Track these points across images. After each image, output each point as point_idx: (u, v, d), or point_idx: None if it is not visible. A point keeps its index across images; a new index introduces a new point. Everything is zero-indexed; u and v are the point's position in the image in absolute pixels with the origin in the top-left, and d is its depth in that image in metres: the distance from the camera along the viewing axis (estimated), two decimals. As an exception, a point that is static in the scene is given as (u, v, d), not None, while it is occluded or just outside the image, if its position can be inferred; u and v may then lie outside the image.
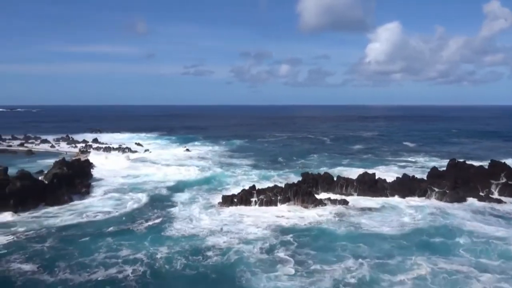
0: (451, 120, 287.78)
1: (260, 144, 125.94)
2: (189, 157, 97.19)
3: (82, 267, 32.00)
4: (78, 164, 70.02)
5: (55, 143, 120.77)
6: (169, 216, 47.39)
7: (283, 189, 54.68)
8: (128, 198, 55.42)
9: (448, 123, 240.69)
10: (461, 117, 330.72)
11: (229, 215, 47.57)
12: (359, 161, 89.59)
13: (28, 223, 44.35)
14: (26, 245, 36.63)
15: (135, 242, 38.04)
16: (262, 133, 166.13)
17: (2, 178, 53.37)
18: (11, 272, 30.98)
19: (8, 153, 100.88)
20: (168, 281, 30.71)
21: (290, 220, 45.69)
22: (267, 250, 36.11)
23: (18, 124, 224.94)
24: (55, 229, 42.14)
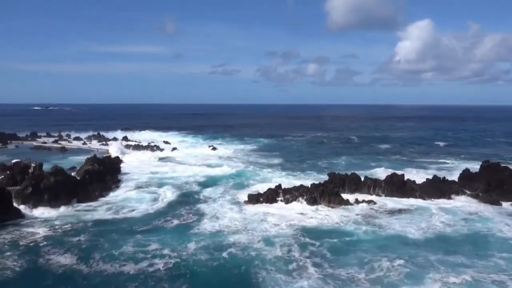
0: (485, 120, 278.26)
1: (286, 143, 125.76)
2: (216, 156, 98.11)
3: (113, 259, 33.60)
4: (109, 161, 71.97)
5: (87, 141, 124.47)
6: (196, 213, 48.18)
7: (309, 189, 54.41)
8: (156, 195, 56.55)
9: (482, 124, 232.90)
10: (495, 118, 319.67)
11: (254, 213, 47.83)
12: (387, 161, 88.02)
13: (65, 217, 46.33)
14: (64, 239, 38.62)
15: (163, 238, 39.09)
16: (288, 132, 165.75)
17: (37, 174, 55.60)
18: (53, 263, 32.95)
19: (43, 149, 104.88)
20: (192, 275, 31.38)
21: (313, 220, 45.54)
22: (285, 250, 36.17)
23: (52, 122, 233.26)
24: (90, 223, 43.96)
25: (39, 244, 37.10)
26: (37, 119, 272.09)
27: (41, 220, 45.04)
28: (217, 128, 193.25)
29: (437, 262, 33.39)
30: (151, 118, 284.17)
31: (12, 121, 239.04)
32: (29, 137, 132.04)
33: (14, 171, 57.09)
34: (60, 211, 48.96)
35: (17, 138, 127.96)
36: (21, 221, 44.31)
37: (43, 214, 47.90)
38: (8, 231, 40.42)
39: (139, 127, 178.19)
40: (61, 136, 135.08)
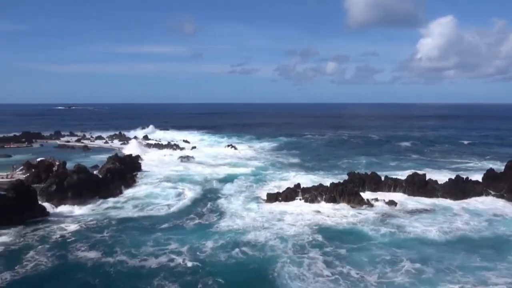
0: (510, 119, 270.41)
1: (306, 142, 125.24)
2: (236, 154, 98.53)
3: (135, 256, 34.76)
4: (130, 160, 73.19)
5: (109, 140, 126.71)
6: (215, 212, 48.71)
7: (329, 188, 54.08)
8: (175, 193, 57.14)
9: (507, 123, 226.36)
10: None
11: (272, 212, 47.86)
12: (409, 161, 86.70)
13: (89, 214, 47.82)
14: (89, 234, 40.19)
15: (182, 237, 39.67)
16: (308, 131, 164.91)
17: (61, 172, 57.00)
18: (81, 258, 34.46)
19: (67, 148, 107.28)
20: (208, 274, 31.74)
21: (331, 220, 45.22)
22: (301, 249, 36.18)
23: (75, 121, 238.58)
24: (113, 220, 45.23)
25: (67, 240, 38.69)
26: (60, 118, 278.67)
27: (67, 217, 46.52)
28: (237, 127, 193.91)
29: (456, 266, 32.54)
30: (171, 118, 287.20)
31: (37, 120, 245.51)
32: (53, 136, 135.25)
33: (39, 169, 58.62)
34: (84, 208, 50.16)
35: (42, 137, 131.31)
36: (46, 218, 45.71)
37: (66, 211, 49.19)
38: (37, 228, 41.98)
39: (160, 126, 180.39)
40: (84, 135, 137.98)
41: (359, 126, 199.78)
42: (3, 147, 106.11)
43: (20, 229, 41.15)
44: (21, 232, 40.56)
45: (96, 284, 30.01)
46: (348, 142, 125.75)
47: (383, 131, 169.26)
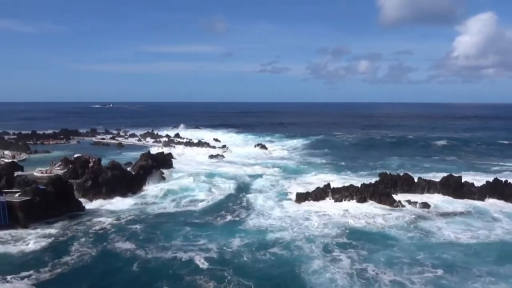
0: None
1: (337, 142, 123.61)
2: (266, 153, 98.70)
3: (166, 249, 36.13)
4: (161, 157, 74.76)
5: (142, 137, 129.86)
6: (243, 210, 49.14)
7: (359, 189, 53.29)
8: (206, 191, 57.86)
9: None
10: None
11: (301, 212, 47.73)
12: (444, 162, 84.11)
13: (126, 209, 49.51)
14: (126, 227, 42.36)
15: (210, 234, 40.39)
16: (339, 130, 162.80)
17: (96, 168, 58.94)
18: (118, 249, 36.48)
19: (102, 145, 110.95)
20: (233, 271, 32.11)
21: (359, 221, 44.59)
22: (326, 249, 36.02)
23: (110, 119, 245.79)
24: (146, 215, 47.07)
25: (106, 233, 40.85)
26: (96, 116, 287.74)
27: (103, 211, 48.49)
28: (267, 126, 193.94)
29: (486, 272, 31.28)
30: (201, 116, 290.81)
31: (75, 118, 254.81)
32: (89, 133, 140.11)
33: (75, 165, 60.85)
34: (118, 203, 51.77)
35: (79, 134, 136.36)
36: (84, 212, 47.79)
37: (101, 205, 50.87)
38: (79, 221, 44.40)
39: (191, 125, 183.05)
40: (118, 133, 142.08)
41: (392, 126, 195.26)
42: (43, 143, 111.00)
43: (65, 223, 43.48)
44: (65, 225, 42.85)
45: (131, 275, 31.41)
46: (380, 142, 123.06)
47: (417, 131, 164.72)
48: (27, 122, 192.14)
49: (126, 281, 30.46)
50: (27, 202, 43.24)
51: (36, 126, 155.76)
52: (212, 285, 29.68)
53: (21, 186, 48.86)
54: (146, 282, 30.10)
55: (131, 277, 31.10)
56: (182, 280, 30.45)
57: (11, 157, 78.74)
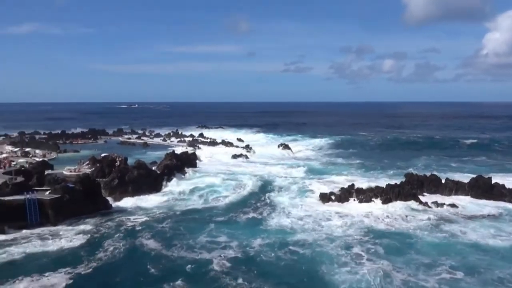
0: None
1: (361, 142, 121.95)
2: (289, 153, 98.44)
3: (190, 248, 36.80)
4: (186, 157, 75.60)
5: (166, 137, 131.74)
6: (265, 209, 49.29)
7: (384, 189, 52.46)
8: (228, 190, 58.22)
9: None
10: None
11: (324, 212, 47.50)
12: (472, 163, 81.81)
13: (152, 207, 50.56)
14: (154, 225, 43.41)
15: (233, 231, 41.05)
16: (364, 130, 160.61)
17: (123, 167, 60.22)
18: (146, 246, 37.49)
19: (128, 144, 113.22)
20: (253, 270, 32.47)
21: (383, 222, 44.03)
22: (347, 250, 35.80)
23: (136, 119, 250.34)
24: (173, 212, 48.27)
25: (136, 229, 42.14)
26: (123, 117, 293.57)
27: (133, 208, 49.92)
28: (291, 126, 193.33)
29: (509, 274, 30.43)
30: (225, 116, 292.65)
31: (102, 118, 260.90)
32: (116, 133, 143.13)
33: (103, 164, 62.30)
34: (144, 202, 52.80)
35: (106, 134, 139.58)
36: (112, 210, 49.07)
37: (128, 203, 51.95)
38: (110, 218, 45.90)
39: (214, 125, 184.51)
40: (144, 133, 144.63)
41: (419, 126, 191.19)
42: (71, 142, 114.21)
43: (97, 220, 44.89)
44: (98, 222, 44.22)
45: (157, 273, 32.06)
46: (406, 142, 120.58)
47: (444, 130, 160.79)
48: (56, 122, 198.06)
49: (153, 279, 30.97)
50: (57, 200, 44.60)
51: (65, 126, 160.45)
52: (236, 285, 29.83)
53: (51, 184, 50.42)
54: (171, 280, 30.44)
55: (157, 275, 31.63)
56: (206, 280, 30.78)
57: (42, 156, 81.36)
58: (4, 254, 34.89)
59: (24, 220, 41.61)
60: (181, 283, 30.05)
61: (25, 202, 42.11)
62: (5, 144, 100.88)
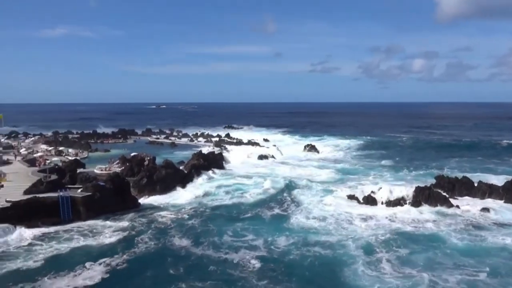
0: None
1: (390, 143, 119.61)
2: (316, 154, 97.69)
3: (218, 247, 37.44)
4: (213, 157, 76.32)
5: (194, 137, 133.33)
6: (291, 209, 49.31)
7: (414, 191, 51.28)
8: (256, 189, 58.38)
9: None
10: None
11: (350, 213, 47.00)
12: (507, 165, 78.77)
13: (184, 205, 51.68)
14: (183, 223, 44.46)
15: (258, 228, 41.98)
16: (392, 131, 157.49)
17: (151, 166, 61.42)
18: (175, 244, 38.22)
19: (156, 144, 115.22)
20: (279, 270, 32.71)
21: (409, 225, 43.15)
22: (371, 252, 35.50)
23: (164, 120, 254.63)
24: (204, 211, 49.10)
25: (166, 226, 43.23)
26: (151, 117, 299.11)
27: (160, 207, 50.74)
28: (317, 126, 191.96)
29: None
30: (252, 116, 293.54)
31: (132, 118, 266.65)
32: (145, 133, 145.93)
33: (132, 163, 63.73)
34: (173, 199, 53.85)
35: (135, 134, 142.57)
36: (143, 207, 50.31)
37: (155, 201, 52.97)
38: (142, 214, 47.41)
39: (241, 125, 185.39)
40: (172, 133, 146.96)
41: (450, 127, 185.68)
42: (102, 142, 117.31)
43: (130, 216, 46.13)
44: (131, 218, 45.49)
45: (187, 270, 32.69)
46: (437, 143, 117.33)
47: (477, 132, 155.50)
48: (88, 122, 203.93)
49: (183, 278, 31.35)
50: (88, 197, 45.97)
51: (96, 126, 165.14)
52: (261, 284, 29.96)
53: (83, 182, 52.06)
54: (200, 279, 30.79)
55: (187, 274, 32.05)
56: (233, 279, 31.03)
57: (74, 154, 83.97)
58: (51, 248, 36.63)
59: (58, 216, 43.08)
60: (209, 282, 30.32)
61: (58, 199, 43.61)
62: (40, 143, 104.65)
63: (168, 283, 30.32)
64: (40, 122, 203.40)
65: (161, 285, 30.19)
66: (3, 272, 31.70)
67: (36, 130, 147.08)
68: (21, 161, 66.02)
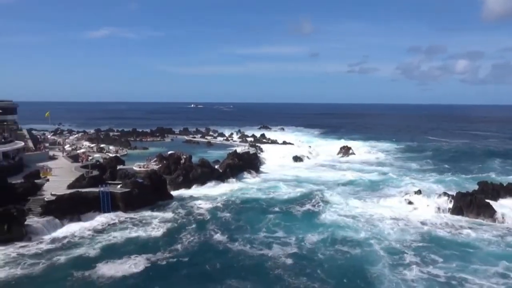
0: None
1: (430, 147, 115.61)
2: (351, 156, 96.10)
3: (251, 243, 37.94)
4: (247, 157, 76.72)
5: (229, 137, 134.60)
6: (325, 208, 49.25)
7: (454, 197, 49.35)
8: (289, 189, 58.21)
9: None
10: None
11: (385, 215, 46.05)
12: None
13: (220, 201, 52.33)
14: (220, 219, 45.38)
15: (290, 224, 42.87)
16: (433, 135, 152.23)
17: (187, 165, 62.58)
18: (213, 239, 39.04)
19: (193, 143, 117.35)
20: (309, 266, 33.04)
21: (443, 230, 41.82)
22: (401, 255, 34.89)
23: (201, 119, 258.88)
24: (239, 208, 49.73)
25: (203, 222, 44.16)
26: (188, 116, 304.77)
27: (200, 202, 51.56)
28: (354, 128, 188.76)
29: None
30: (287, 117, 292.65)
31: (170, 117, 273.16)
32: (182, 132, 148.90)
33: (169, 161, 65.17)
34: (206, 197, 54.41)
35: (173, 132, 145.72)
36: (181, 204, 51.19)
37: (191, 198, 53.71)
38: (183, 204, 49.68)
39: (276, 126, 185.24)
40: (208, 132, 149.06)
41: (496, 131, 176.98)
42: (141, 140, 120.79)
43: (169, 213, 47.17)
44: (170, 214, 46.60)
45: (225, 265, 33.35)
46: (481, 147, 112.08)
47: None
48: (128, 121, 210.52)
49: (220, 273, 31.90)
50: (127, 193, 47.47)
51: (135, 124, 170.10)
52: (293, 282, 30.08)
53: (122, 178, 53.76)
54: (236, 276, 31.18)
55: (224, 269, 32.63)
56: (267, 274, 31.52)
57: (115, 152, 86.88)
58: (104, 237, 38.70)
59: (98, 210, 44.74)
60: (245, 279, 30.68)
61: (99, 194, 45.32)
62: (83, 140, 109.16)
63: (206, 279, 30.84)
64: (83, 120, 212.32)
65: (201, 281, 30.58)
66: (68, 258, 33.63)
67: (80, 128, 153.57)
68: (65, 157, 69.02)
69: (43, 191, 45.36)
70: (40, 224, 39.31)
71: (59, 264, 32.56)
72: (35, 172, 51.67)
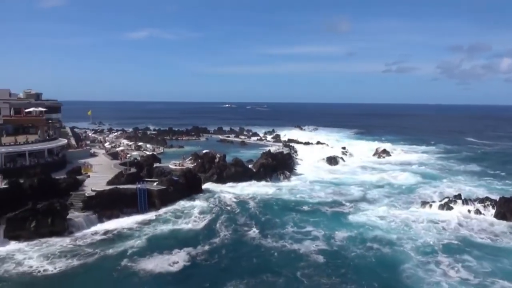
0: None
1: (472, 149, 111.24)
2: (388, 158, 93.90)
3: (281, 238, 38.74)
4: (281, 157, 76.55)
5: (263, 137, 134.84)
6: (358, 207, 49.14)
7: (498, 202, 47.21)
8: (323, 189, 57.79)
9: None
10: None
11: (420, 218, 44.91)
12: None
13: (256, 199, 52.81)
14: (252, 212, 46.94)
15: (321, 220, 43.70)
16: (476, 136, 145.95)
17: (221, 164, 63.32)
18: (246, 236, 39.71)
19: (227, 142, 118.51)
20: (337, 264, 33.27)
21: (481, 234, 40.33)
22: (434, 256, 34.33)
23: (235, 119, 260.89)
24: (275, 204, 50.70)
25: (237, 218, 44.91)
26: (224, 116, 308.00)
27: (235, 199, 52.33)
28: (391, 129, 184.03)
29: None
30: (322, 117, 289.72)
31: (205, 117, 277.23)
32: (216, 131, 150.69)
33: (203, 160, 66.15)
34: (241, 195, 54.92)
35: (207, 132, 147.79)
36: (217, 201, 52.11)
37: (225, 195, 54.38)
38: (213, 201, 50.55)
39: (310, 126, 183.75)
40: (242, 131, 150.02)
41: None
42: (177, 139, 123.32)
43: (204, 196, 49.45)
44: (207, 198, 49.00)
45: (258, 261, 34.04)
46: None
47: None
48: (165, 120, 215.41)
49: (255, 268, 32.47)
50: (163, 190, 48.64)
51: (171, 123, 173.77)
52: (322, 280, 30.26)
53: (158, 176, 55.09)
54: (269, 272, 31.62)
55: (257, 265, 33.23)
56: (296, 271, 31.73)
57: (152, 150, 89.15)
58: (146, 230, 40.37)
59: (135, 207, 46.10)
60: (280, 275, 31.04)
61: (136, 191, 46.67)
62: (121, 138, 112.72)
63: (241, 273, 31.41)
64: (122, 119, 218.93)
65: (238, 276, 31.05)
66: (116, 250, 35.38)
67: (119, 126, 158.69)
68: (105, 154, 71.51)
69: (84, 187, 47.28)
70: (81, 218, 41.03)
71: (102, 257, 33.93)
72: (77, 168, 53.91)
